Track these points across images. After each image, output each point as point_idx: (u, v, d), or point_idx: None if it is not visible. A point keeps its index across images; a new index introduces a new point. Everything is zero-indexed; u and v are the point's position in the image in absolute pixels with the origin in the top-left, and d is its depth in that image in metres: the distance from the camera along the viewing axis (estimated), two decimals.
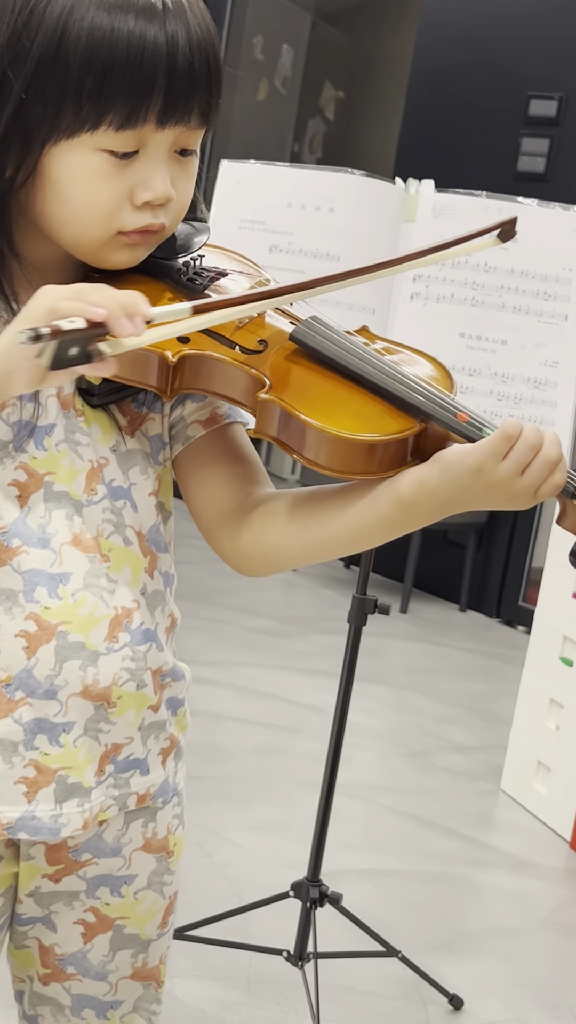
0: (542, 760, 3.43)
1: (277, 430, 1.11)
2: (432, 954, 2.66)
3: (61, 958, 1.28)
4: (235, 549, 1.20)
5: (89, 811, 1.19)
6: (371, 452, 1.09)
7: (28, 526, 1.14)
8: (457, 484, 1.07)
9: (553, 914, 2.95)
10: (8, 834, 1.16)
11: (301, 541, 1.16)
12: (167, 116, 1.07)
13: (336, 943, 2.54)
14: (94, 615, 1.16)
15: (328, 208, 2.05)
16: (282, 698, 4.07)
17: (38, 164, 1.08)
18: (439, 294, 2.06)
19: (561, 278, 2.06)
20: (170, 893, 1.31)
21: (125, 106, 1.05)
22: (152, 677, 1.22)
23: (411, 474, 1.09)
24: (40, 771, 1.16)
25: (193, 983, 2.42)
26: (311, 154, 8.13)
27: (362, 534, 1.13)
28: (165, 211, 1.12)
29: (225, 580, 5.23)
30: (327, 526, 1.14)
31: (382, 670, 4.51)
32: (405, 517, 1.10)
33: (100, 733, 1.19)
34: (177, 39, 1.05)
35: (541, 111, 5.30)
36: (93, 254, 1.13)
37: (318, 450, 1.09)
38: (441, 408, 1.10)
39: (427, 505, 1.09)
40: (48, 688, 1.15)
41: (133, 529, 1.20)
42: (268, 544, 1.18)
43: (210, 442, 1.22)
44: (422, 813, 3.38)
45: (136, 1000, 1.31)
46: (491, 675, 4.69)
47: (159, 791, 1.26)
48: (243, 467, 1.22)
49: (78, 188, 1.08)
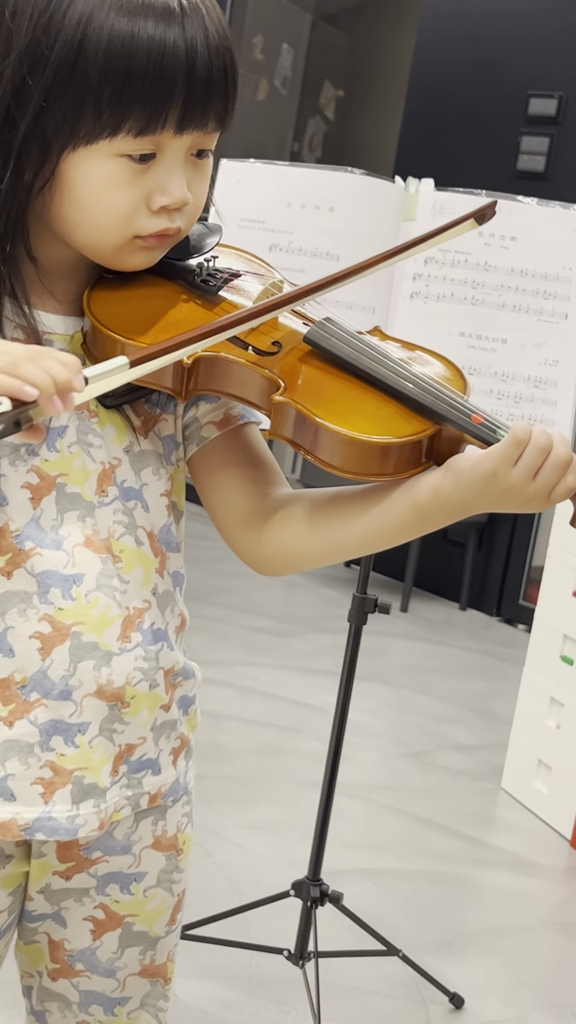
0: (543, 759, 3.43)
1: (292, 432, 1.11)
2: (433, 953, 2.66)
3: (70, 954, 1.28)
4: (254, 550, 1.22)
5: (105, 811, 1.20)
6: (385, 454, 1.09)
7: (41, 528, 1.14)
8: (471, 490, 1.08)
9: (554, 913, 2.95)
10: (26, 835, 1.17)
11: (319, 544, 1.18)
12: (186, 122, 1.07)
13: (337, 942, 2.54)
14: (107, 615, 1.16)
15: (328, 207, 2.05)
16: (283, 698, 4.07)
17: (56, 170, 1.08)
18: (439, 293, 2.06)
19: (561, 277, 2.06)
20: (179, 891, 1.32)
21: (144, 113, 1.05)
22: (164, 677, 1.23)
23: (427, 480, 1.10)
24: (56, 772, 1.17)
25: (194, 982, 2.42)
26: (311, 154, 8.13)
27: (379, 537, 1.15)
28: (181, 215, 1.12)
29: (226, 580, 5.23)
30: (345, 530, 1.16)
31: (383, 669, 4.51)
32: (422, 522, 1.12)
33: (115, 734, 1.20)
34: (196, 44, 1.05)
35: (541, 110, 5.30)
36: (109, 257, 1.13)
37: (332, 452, 1.10)
38: (455, 410, 1.10)
39: (443, 510, 1.11)
40: (63, 689, 1.16)
41: (144, 530, 1.20)
42: (287, 546, 1.19)
43: (225, 443, 1.23)
44: (423, 812, 3.38)
45: (144, 997, 1.32)
46: (492, 674, 4.69)
47: (170, 790, 1.27)
48: (258, 469, 1.23)
49: (95, 194, 1.08)
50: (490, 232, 2.07)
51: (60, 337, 1.16)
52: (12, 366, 0.94)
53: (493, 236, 2.07)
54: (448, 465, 1.09)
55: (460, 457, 1.09)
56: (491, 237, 2.07)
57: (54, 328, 1.16)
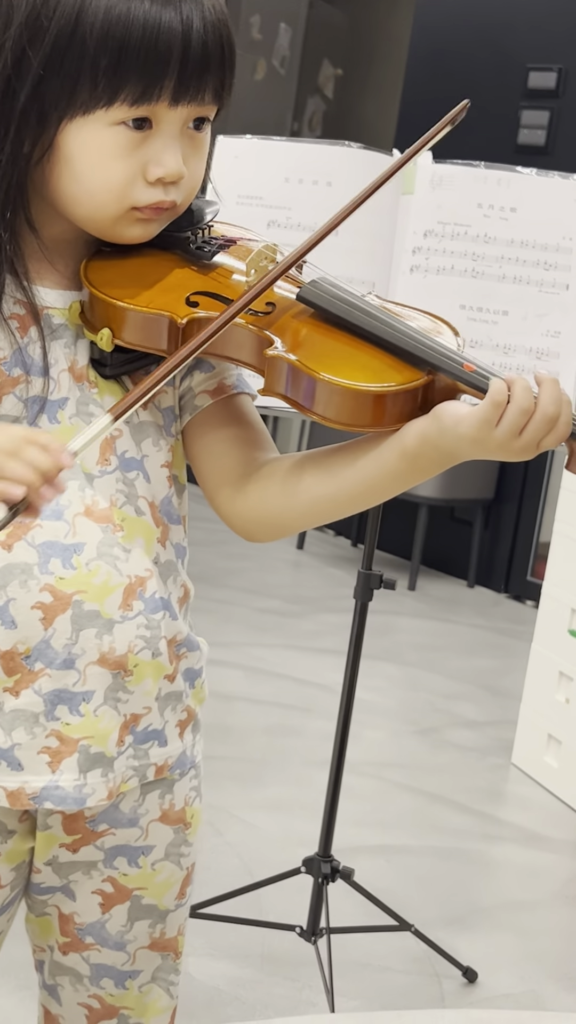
0: (552, 733, 3.43)
1: (285, 387, 1.12)
2: (445, 928, 2.66)
3: (80, 927, 1.29)
4: (238, 513, 1.21)
5: (112, 781, 1.20)
6: (379, 403, 1.10)
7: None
8: (457, 442, 1.08)
9: (566, 887, 2.95)
10: (34, 803, 1.18)
11: (306, 499, 1.17)
12: (180, 95, 1.09)
13: (349, 918, 2.54)
14: (108, 583, 1.17)
15: (326, 182, 2.04)
16: (291, 677, 4.08)
17: (54, 141, 1.10)
18: (439, 266, 2.05)
19: (561, 247, 2.05)
20: (187, 864, 1.32)
21: (139, 84, 1.07)
22: (167, 646, 1.23)
23: (414, 427, 1.10)
24: (62, 741, 1.18)
25: (207, 961, 2.42)
26: (311, 133, 8.10)
27: (369, 488, 1.14)
28: (177, 188, 1.13)
29: (233, 562, 5.23)
30: (332, 482, 1.15)
31: (391, 648, 4.51)
32: (411, 469, 1.11)
33: (119, 703, 1.20)
34: (192, 20, 1.07)
35: (540, 83, 5.27)
36: (107, 230, 1.14)
37: (327, 404, 1.10)
38: (447, 359, 1.11)
39: (431, 458, 1.10)
40: (66, 658, 1.16)
41: (146, 500, 1.21)
42: (272, 506, 1.19)
43: (217, 411, 1.23)
44: (433, 789, 3.38)
45: (154, 970, 1.32)
46: (500, 650, 4.69)
47: (177, 762, 1.27)
48: (248, 432, 1.23)
49: (92, 164, 1.10)
50: (489, 204, 2.06)
51: (60, 312, 1.17)
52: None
53: (493, 208, 2.06)
54: (434, 413, 1.09)
55: (445, 405, 1.09)
56: (491, 209, 2.06)
57: (52, 303, 1.17)
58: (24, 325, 1.15)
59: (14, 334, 1.14)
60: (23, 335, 1.14)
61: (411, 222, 2.06)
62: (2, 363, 1.14)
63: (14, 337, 1.14)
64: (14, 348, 1.14)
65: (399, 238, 2.06)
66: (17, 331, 1.14)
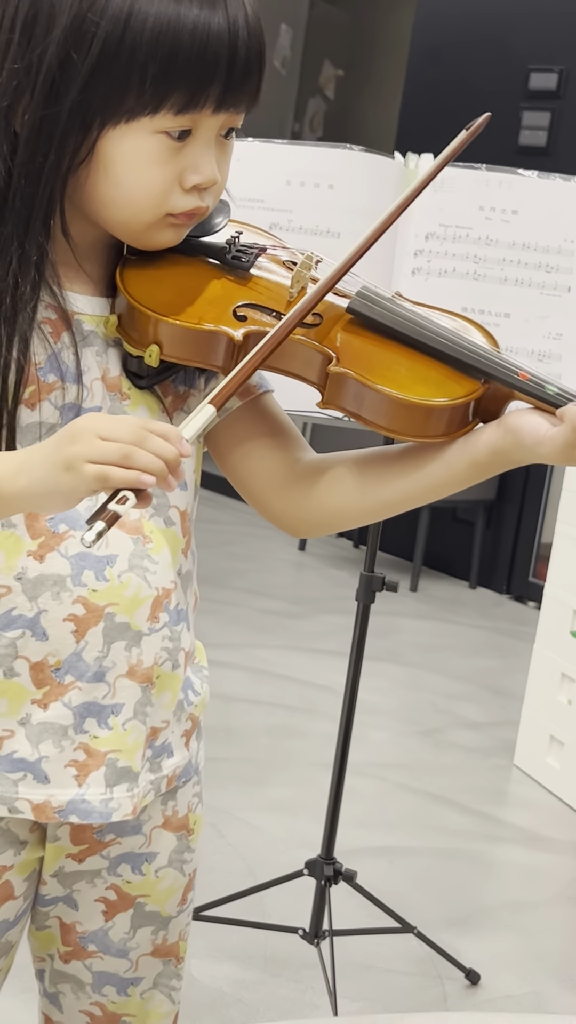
0: (555, 734, 3.43)
1: (348, 401, 1.14)
2: (448, 929, 2.66)
3: (82, 936, 1.29)
4: (294, 514, 1.23)
5: (137, 796, 1.20)
6: (442, 416, 1.13)
7: (75, 509, 1.14)
8: (530, 458, 1.12)
9: (568, 887, 2.95)
10: (59, 817, 1.17)
11: (370, 502, 1.20)
12: (225, 101, 1.09)
13: (352, 920, 2.54)
14: (139, 596, 1.17)
15: (328, 184, 2.04)
16: (294, 679, 4.08)
17: (95, 147, 1.09)
18: (441, 268, 2.05)
19: (563, 249, 2.05)
20: (190, 871, 1.32)
21: (187, 91, 1.06)
22: (184, 657, 1.24)
23: (486, 440, 1.13)
24: (90, 754, 1.17)
25: (210, 963, 2.43)
26: (312, 133, 8.10)
27: (433, 491, 1.17)
28: (209, 193, 1.13)
29: (235, 563, 5.24)
30: (396, 487, 1.18)
31: (394, 649, 4.51)
32: (477, 476, 1.15)
33: (146, 717, 1.20)
34: (238, 25, 1.07)
35: (541, 84, 5.27)
36: (139, 235, 1.14)
37: (392, 417, 1.13)
38: (503, 369, 1.13)
39: (498, 467, 1.14)
40: (97, 671, 1.16)
41: (177, 509, 1.21)
42: (334, 508, 1.21)
43: (248, 413, 1.24)
44: (436, 790, 3.38)
45: (156, 976, 1.32)
46: (502, 651, 4.69)
47: (183, 772, 1.28)
48: (283, 436, 1.25)
49: (132, 171, 1.09)
50: (491, 206, 2.06)
51: (90, 318, 1.16)
52: (125, 457, 0.96)
53: (494, 210, 2.06)
54: (510, 428, 1.11)
55: (521, 422, 1.11)
56: (492, 211, 2.05)
57: (83, 309, 1.16)
58: (57, 331, 1.13)
59: (48, 339, 1.13)
60: (56, 340, 1.13)
61: (413, 224, 2.06)
62: (38, 368, 1.12)
63: (48, 343, 1.13)
64: (48, 354, 1.13)
65: (401, 241, 2.06)
66: (50, 336, 1.13)
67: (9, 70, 1.08)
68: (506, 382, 1.13)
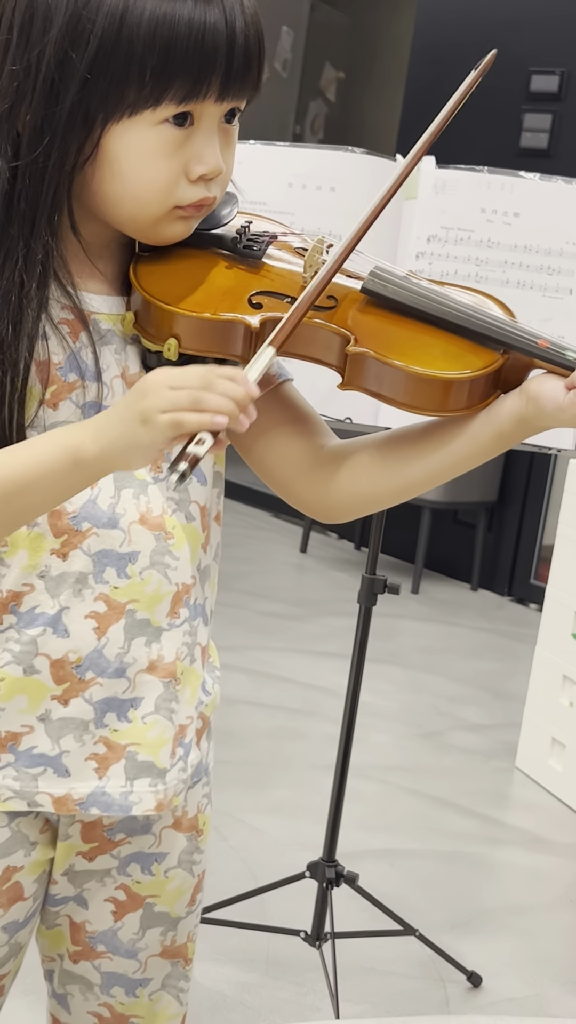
0: (556, 737, 3.43)
1: (369, 381, 1.14)
2: (450, 932, 2.66)
3: (92, 936, 1.29)
4: (323, 500, 1.23)
5: (163, 793, 1.21)
6: (464, 389, 1.13)
7: (99, 507, 1.15)
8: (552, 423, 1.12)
9: (570, 890, 2.95)
10: (80, 810, 1.18)
11: (397, 483, 1.20)
12: (227, 91, 1.09)
13: (353, 923, 2.54)
14: (159, 592, 1.18)
15: (329, 187, 2.04)
16: (296, 681, 4.08)
17: (99, 144, 1.09)
18: (442, 271, 2.05)
19: (565, 252, 2.05)
20: (199, 872, 1.32)
21: (187, 83, 1.07)
22: (201, 653, 1.25)
23: (508, 409, 1.13)
24: (110, 747, 1.18)
25: (212, 965, 2.43)
26: (313, 136, 8.10)
27: (460, 465, 1.17)
28: (216, 183, 1.14)
29: (236, 565, 5.24)
30: (423, 464, 1.18)
31: (395, 651, 4.51)
32: (503, 446, 1.16)
33: (172, 713, 1.21)
34: (235, 13, 1.08)
35: (543, 86, 5.27)
36: (148, 230, 1.14)
37: (414, 394, 1.13)
38: (523, 338, 1.13)
39: (521, 435, 1.15)
40: (118, 667, 1.17)
41: (198, 504, 1.22)
42: (361, 491, 1.21)
43: (269, 403, 1.23)
44: (437, 792, 3.38)
45: (164, 978, 1.32)
46: (504, 653, 4.69)
47: (195, 772, 1.28)
48: (306, 423, 1.25)
49: (137, 165, 1.10)
50: (493, 209, 2.06)
51: (107, 317, 1.16)
52: (197, 402, 0.98)
53: (496, 213, 2.06)
54: (531, 396, 1.12)
55: (541, 389, 1.11)
56: (494, 214, 2.06)
57: (98, 308, 1.16)
58: (75, 330, 1.14)
59: (66, 339, 1.13)
60: (75, 340, 1.14)
61: (414, 227, 2.06)
62: (58, 368, 1.13)
63: (67, 342, 1.13)
64: (67, 353, 1.13)
65: (402, 243, 2.06)
66: (69, 336, 1.14)
67: (8, 72, 1.08)
68: (526, 351, 1.13)
